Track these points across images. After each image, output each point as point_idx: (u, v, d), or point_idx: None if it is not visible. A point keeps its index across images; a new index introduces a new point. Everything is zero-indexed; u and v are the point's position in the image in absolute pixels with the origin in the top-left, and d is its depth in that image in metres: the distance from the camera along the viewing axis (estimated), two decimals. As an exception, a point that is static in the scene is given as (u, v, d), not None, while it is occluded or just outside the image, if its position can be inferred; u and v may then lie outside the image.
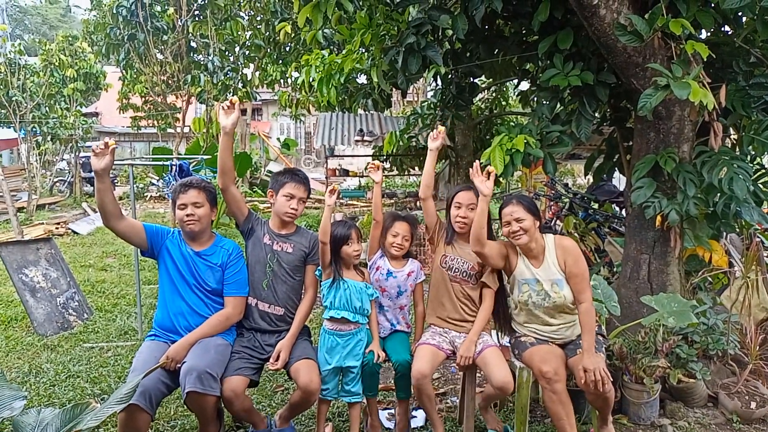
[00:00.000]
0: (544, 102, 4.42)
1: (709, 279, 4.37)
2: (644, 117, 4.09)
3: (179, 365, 2.77)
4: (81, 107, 16.75)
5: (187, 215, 2.95)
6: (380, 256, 3.31)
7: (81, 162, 15.49)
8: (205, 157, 6.61)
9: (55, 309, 5.21)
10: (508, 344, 3.29)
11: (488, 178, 2.95)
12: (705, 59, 3.38)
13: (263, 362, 3.07)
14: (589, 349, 2.87)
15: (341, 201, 9.86)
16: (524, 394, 3.09)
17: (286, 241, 3.17)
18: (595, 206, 6.28)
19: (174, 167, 4.65)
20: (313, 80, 5.03)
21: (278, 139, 21.87)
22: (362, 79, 6.37)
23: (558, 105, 4.42)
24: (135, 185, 16.80)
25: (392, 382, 3.75)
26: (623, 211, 6.31)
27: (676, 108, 3.92)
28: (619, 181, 8.40)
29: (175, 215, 3.01)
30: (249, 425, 3.16)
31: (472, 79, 5.30)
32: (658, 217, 3.94)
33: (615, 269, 4.76)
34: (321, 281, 3.15)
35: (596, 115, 4.51)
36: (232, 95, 11.08)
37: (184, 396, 2.66)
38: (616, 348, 3.40)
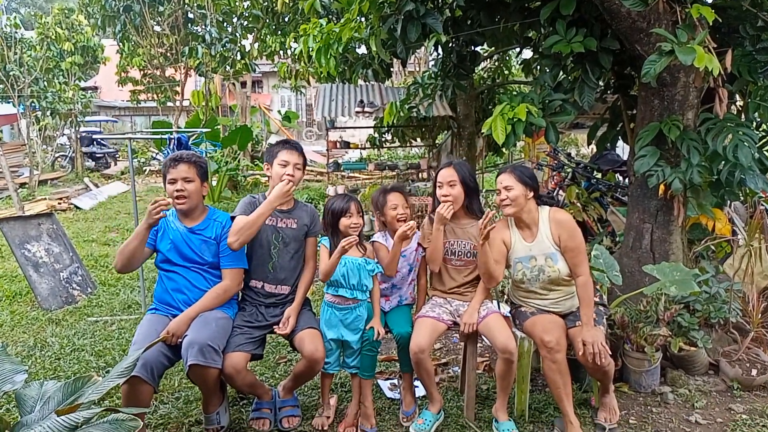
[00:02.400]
0: (547, 70, 4.34)
1: (712, 248, 4.35)
2: (648, 84, 4.03)
3: (180, 339, 2.78)
4: (79, 81, 16.63)
5: (177, 191, 2.92)
6: (383, 237, 3.26)
7: (79, 137, 15.40)
8: (204, 130, 6.55)
9: (58, 284, 5.23)
10: (509, 315, 3.29)
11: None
12: (711, 24, 3.31)
13: (266, 334, 3.09)
14: (588, 322, 2.86)
15: (342, 174, 9.80)
16: (525, 363, 3.11)
17: (289, 217, 3.14)
18: (598, 176, 6.23)
19: (172, 141, 4.61)
20: (311, 50, 4.94)
21: (279, 111, 21.66)
22: (362, 50, 6.27)
23: (560, 73, 4.35)
24: (137, 160, 16.81)
25: (395, 353, 3.78)
26: (626, 181, 6.27)
27: (680, 74, 3.85)
28: (622, 150, 8.34)
29: (166, 190, 2.98)
30: (253, 397, 3.19)
31: (473, 48, 5.20)
32: (662, 186, 3.90)
33: (618, 239, 4.74)
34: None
35: (600, 83, 4.42)
36: (231, 67, 10.95)
37: (187, 369, 2.67)
38: (617, 317, 3.40)
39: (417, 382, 3.47)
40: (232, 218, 3.04)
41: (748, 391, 3.36)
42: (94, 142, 17.75)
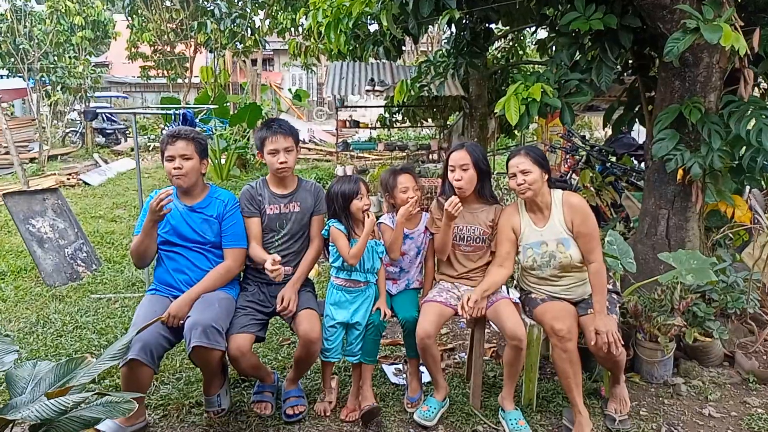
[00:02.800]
0: (563, 49, 4.18)
1: (730, 235, 4.22)
2: (670, 64, 3.85)
3: (182, 321, 2.71)
4: (90, 56, 16.53)
5: (175, 168, 2.82)
6: (390, 219, 3.16)
7: (83, 111, 15.20)
8: (212, 106, 6.43)
9: (63, 260, 5.19)
10: (518, 301, 3.19)
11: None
12: (738, 1, 3.14)
13: (269, 316, 3.01)
14: (601, 311, 2.76)
15: (351, 153, 9.68)
16: (535, 351, 3.02)
17: (292, 200, 3.04)
18: (613, 159, 6.07)
19: (178, 117, 4.51)
20: (320, 25, 4.79)
21: (290, 90, 21.48)
22: (373, 27, 6.11)
23: (577, 52, 4.19)
24: (146, 136, 16.75)
25: (400, 337, 3.70)
26: (641, 165, 6.11)
27: (704, 54, 3.69)
28: (638, 133, 8.14)
29: (164, 166, 2.88)
30: (255, 379, 3.13)
31: (487, 25, 5.04)
32: (680, 171, 3.77)
33: (632, 224, 4.61)
34: (329, 241, 3.04)
35: (618, 63, 4.26)
36: (241, 43, 10.78)
37: (189, 350, 2.60)
38: (630, 306, 3.30)
39: (423, 368, 3.39)
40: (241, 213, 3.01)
41: (764, 384, 3.26)
42: (104, 118, 17.70)
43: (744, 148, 3.66)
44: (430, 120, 10.51)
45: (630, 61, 4.68)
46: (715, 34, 2.92)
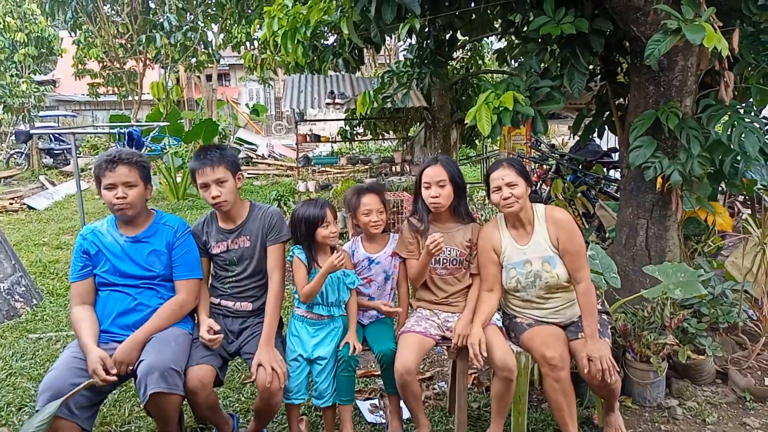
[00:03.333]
0: (533, 55, 4.00)
1: (710, 243, 4.09)
2: (643, 68, 3.75)
3: (130, 368, 2.36)
4: (35, 74, 15.80)
5: (118, 198, 2.46)
6: (355, 243, 2.91)
7: (14, 132, 14.29)
8: (162, 124, 6.05)
9: (-2, 296, 4.72)
10: (501, 326, 2.95)
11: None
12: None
13: (230, 356, 2.68)
14: (593, 335, 2.55)
15: (313, 168, 9.37)
16: (523, 381, 2.77)
17: (240, 235, 2.70)
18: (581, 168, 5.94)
19: (124, 136, 4.14)
20: (275, 34, 4.51)
21: (247, 105, 21.07)
22: (331, 39, 5.87)
23: (547, 58, 4.03)
24: (97, 156, 16.04)
25: (375, 367, 3.42)
26: (610, 173, 6.01)
27: (678, 57, 3.56)
28: (606, 140, 8.10)
29: (102, 196, 2.52)
30: (213, 427, 2.79)
31: (451, 33, 4.84)
32: (659, 179, 3.62)
33: (608, 235, 4.45)
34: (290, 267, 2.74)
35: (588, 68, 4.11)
36: (193, 57, 10.37)
37: (146, 400, 2.25)
38: (619, 325, 3.09)
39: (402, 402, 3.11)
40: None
41: (761, 402, 3.09)
42: (52, 138, 16.87)
43: (722, 153, 3.53)
44: (391, 132, 10.30)
45: (598, 67, 4.55)
46: (697, 35, 2.77)
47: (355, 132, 9.93)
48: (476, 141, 10.14)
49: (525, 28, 4.82)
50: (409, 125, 10.09)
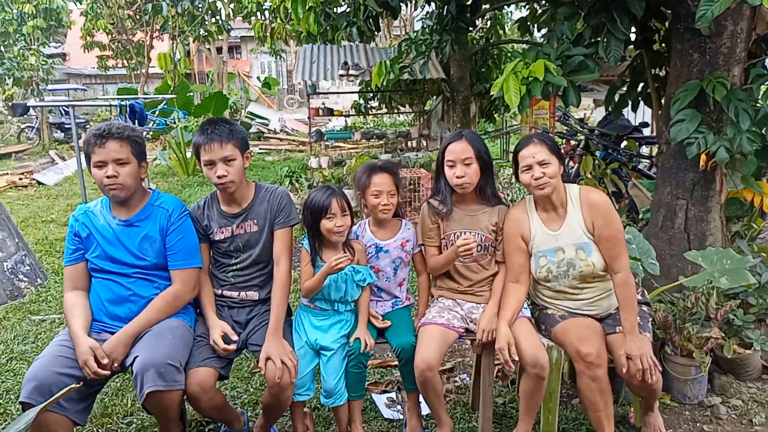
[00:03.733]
0: (564, 20, 3.68)
1: (754, 225, 3.80)
2: (686, 35, 3.43)
3: (117, 365, 2.16)
4: (44, 47, 15.56)
5: (108, 177, 2.22)
6: (362, 227, 2.66)
7: (11, 105, 14.08)
8: (168, 96, 5.80)
9: (1, 275, 4.56)
10: (531, 317, 2.71)
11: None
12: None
13: (237, 351, 2.47)
14: (632, 330, 2.30)
15: (326, 143, 9.11)
16: (555, 377, 2.54)
17: (246, 219, 2.46)
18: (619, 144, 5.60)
19: (126, 109, 3.90)
20: None
21: (258, 78, 20.71)
22: (345, 6, 5.54)
23: (580, 23, 3.71)
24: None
25: (392, 356, 3.20)
26: (642, 149, 5.68)
27: (728, 21, 3.23)
28: (633, 113, 7.73)
29: (92, 174, 2.27)
30: (221, 423, 2.59)
31: (475, -4, 4.51)
32: (703, 156, 3.32)
33: (642, 216, 4.16)
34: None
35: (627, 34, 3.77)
36: (201, 27, 10.05)
37: (143, 398, 2.06)
38: (659, 316, 2.84)
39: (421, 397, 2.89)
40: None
41: (813, 401, 2.84)
42: (63, 112, 16.68)
43: (774, 127, 3.23)
44: (407, 106, 9.99)
45: (632, 34, 4.21)
46: (760, -7, 2.44)
47: (369, 105, 9.63)
48: (496, 115, 9.80)
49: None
50: (425, 98, 9.76)
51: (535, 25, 6.85)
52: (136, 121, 4.03)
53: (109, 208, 2.36)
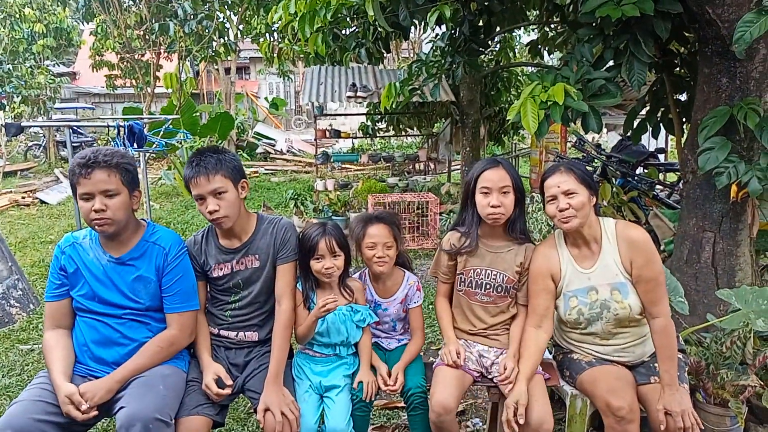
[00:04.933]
0: (584, 42, 3.51)
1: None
2: (712, 59, 3.25)
3: (96, 413, 1.95)
4: (55, 66, 15.61)
5: (96, 211, 2.01)
6: (363, 279, 2.48)
7: (4, 125, 13.91)
8: (171, 117, 5.66)
9: (-8, 301, 4.37)
10: (552, 360, 2.49)
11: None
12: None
13: (232, 396, 2.25)
14: (672, 383, 2.08)
15: (333, 166, 8.95)
16: (579, 429, 2.30)
17: (247, 254, 2.26)
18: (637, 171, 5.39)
19: (123, 129, 3.74)
20: (293, 19, 4.07)
21: (266, 98, 20.71)
22: (354, 27, 5.43)
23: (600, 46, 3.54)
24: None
25: (398, 396, 2.97)
26: (660, 176, 5.47)
27: (761, 44, 3.06)
28: (648, 139, 7.56)
29: (79, 207, 2.07)
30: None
31: (488, 17, 4.36)
32: (733, 187, 3.12)
33: (663, 248, 3.95)
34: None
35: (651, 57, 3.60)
36: (208, 47, 9.98)
37: None
38: (691, 361, 2.60)
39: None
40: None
41: None
42: (72, 130, 16.66)
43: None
44: (415, 128, 9.85)
45: (655, 57, 4.04)
46: (803, 14, 2.27)
47: (377, 127, 9.49)
48: (504, 138, 9.64)
49: (571, 12, 4.35)
50: (434, 121, 9.63)
51: (546, 49, 6.73)
52: (135, 143, 3.86)
53: (98, 241, 2.16)
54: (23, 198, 10.10)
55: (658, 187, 5.04)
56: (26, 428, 1.84)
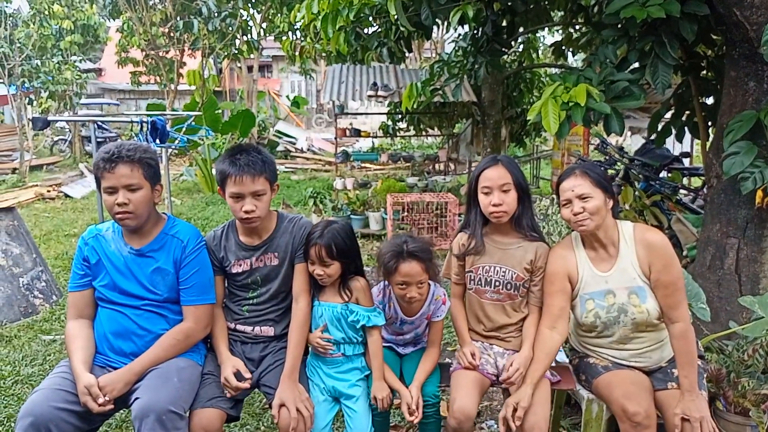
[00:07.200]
0: (608, 43, 3.47)
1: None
2: (739, 62, 3.19)
3: (113, 406, 1.98)
4: (81, 62, 15.86)
5: (119, 204, 2.05)
6: (387, 296, 2.39)
7: (31, 119, 14.26)
8: (193, 113, 5.71)
9: (16, 291, 4.46)
10: (568, 363, 2.47)
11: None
12: None
13: (247, 390, 2.27)
14: (692, 389, 2.05)
15: (352, 165, 8.97)
16: (594, 435, 2.28)
17: (267, 251, 2.27)
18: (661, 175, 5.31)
19: (145, 125, 3.79)
20: (315, 18, 4.09)
21: (288, 97, 20.83)
22: (376, 26, 5.44)
23: (624, 47, 3.50)
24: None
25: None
26: (684, 180, 5.40)
27: (789, 47, 2.98)
28: (672, 142, 7.45)
29: (103, 200, 2.12)
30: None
31: (511, 17, 4.33)
32: (759, 192, 3.06)
33: (686, 254, 3.89)
34: None
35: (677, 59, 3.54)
36: (231, 45, 10.06)
37: None
38: (711, 368, 2.56)
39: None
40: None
41: None
42: (97, 125, 16.95)
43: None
44: (435, 128, 9.83)
45: (681, 59, 3.98)
46: (835, 17, 2.21)
47: (397, 127, 9.49)
48: (526, 139, 9.57)
49: (596, 13, 4.30)
50: (455, 121, 9.60)
51: (570, 50, 6.67)
52: (158, 138, 3.92)
53: (121, 234, 2.20)
54: (48, 191, 10.30)
55: (681, 191, 4.96)
56: (46, 416, 1.88)
